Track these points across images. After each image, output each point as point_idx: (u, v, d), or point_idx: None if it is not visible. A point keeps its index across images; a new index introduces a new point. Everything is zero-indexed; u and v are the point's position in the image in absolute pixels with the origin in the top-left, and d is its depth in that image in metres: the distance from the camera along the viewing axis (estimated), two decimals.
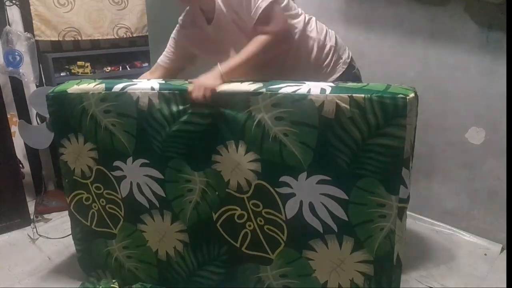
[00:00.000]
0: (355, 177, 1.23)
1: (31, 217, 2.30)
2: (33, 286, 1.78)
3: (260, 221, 1.38)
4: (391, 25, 2.17)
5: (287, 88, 1.27)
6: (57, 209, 2.43)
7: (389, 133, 1.17)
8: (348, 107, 1.18)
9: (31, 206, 2.39)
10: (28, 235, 2.17)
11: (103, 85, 1.47)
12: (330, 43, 1.62)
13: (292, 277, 1.40)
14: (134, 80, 1.53)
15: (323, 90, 1.22)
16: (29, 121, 2.49)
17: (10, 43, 2.28)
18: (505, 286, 1.28)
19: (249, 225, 1.40)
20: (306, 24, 1.59)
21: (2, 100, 2.13)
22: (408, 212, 2.34)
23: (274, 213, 1.35)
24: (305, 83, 1.30)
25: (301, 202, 1.31)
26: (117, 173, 1.52)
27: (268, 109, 1.27)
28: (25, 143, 2.43)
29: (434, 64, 2.08)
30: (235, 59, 1.40)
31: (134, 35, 2.80)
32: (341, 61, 1.64)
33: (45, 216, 2.37)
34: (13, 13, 2.37)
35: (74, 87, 1.51)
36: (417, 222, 2.30)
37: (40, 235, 2.16)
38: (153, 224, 1.54)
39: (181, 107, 1.37)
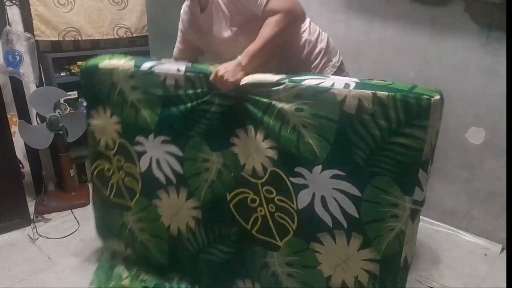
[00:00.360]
0: (370, 174, 1.22)
1: (31, 217, 2.30)
2: (33, 286, 1.78)
3: (272, 207, 1.39)
4: (392, 24, 2.17)
5: (310, 80, 1.27)
6: (57, 209, 2.43)
7: (410, 133, 1.15)
8: (370, 103, 1.16)
9: (31, 206, 2.38)
10: (28, 235, 2.17)
11: (132, 62, 1.53)
12: (321, 45, 1.62)
13: (297, 266, 1.40)
14: (162, 59, 1.58)
15: (347, 85, 1.20)
16: (29, 121, 2.49)
17: (10, 43, 2.27)
18: (505, 286, 1.28)
19: (260, 210, 1.42)
20: None
21: (2, 100, 2.13)
22: None
23: (286, 201, 1.35)
24: (329, 76, 1.29)
25: (313, 194, 1.30)
26: (138, 148, 1.58)
27: (289, 99, 1.28)
28: (25, 143, 2.44)
29: (434, 63, 2.08)
30: (252, 47, 1.38)
31: (134, 35, 2.80)
32: (330, 64, 1.64)
33: (45, 216, 2.37)
34: (13, 13, 2.37)
35: (106, 62, 1.58)
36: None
37: (40, 235, 2.16)
38: (167, 200, 1.58)
39: (205, 89, 1.41)
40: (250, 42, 1.40)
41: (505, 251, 2.03)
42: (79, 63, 2.61)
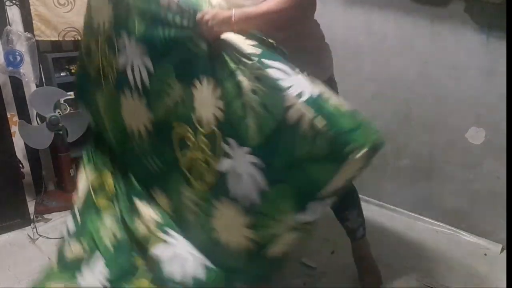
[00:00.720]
0: (281, 179, 1.29)
1: (31, 217, 2.30)
2: (33, 286, 1.78)
3: (202, 156, 1.47)
4: (391, 25, 2.17)
5: (276, 71, 1.26)
6: (57, 209, 2.43)
7: (322, 168, 1.19)
8: (307, 125, 1.18)
9: (31, 206, 2.38)
10: (28, 235, 2.17)
11: None
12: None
13: (200, 208, 1.53)
14: None
15: (300, 94, 1.21)
16: (29, 121, 2.49)
17: (11, 43, 2.28)
18: (505, 286, 1.28)
19: (193, 153, 1.50)
20: None
21: (2, 100, 2.13)
22: (408, 212, 2.37)
23: (213, 159, 1.43)
24: (299, 75, 1.27)
25: (232, 166, 1.37)
26: (120, 45, 1.63)
27: (251, 78, 1.30)
28: (25, 143, 2.44)
29: (434, 63, 2.08)
30: (250, 9, 1.37)
31: None
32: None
33: (45, 216, 2.37)
34: (13, 13, 2.37)
35: None
36: (417, 222, 2.30)
37: (40, 235, 2.16)
38: (131, 101, 1.66)
39: (191, 24, 1.42)
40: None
41: (505, 251, 2.03)
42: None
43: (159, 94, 1.57)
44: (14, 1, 2.36)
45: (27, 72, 2.35)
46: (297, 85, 1.23)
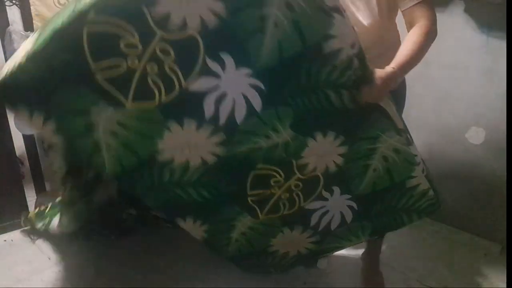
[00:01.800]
0: (370, 219, 1.56)
1: None
2: (33, 286, 1.78)
3: (285, 195, 1.44)
4: None
5: (414, 148, 1.45)
6: None
7: (407, 217, 1.60)
8: (419, 192, 1.50)
9: (31, 206, 2.38)
10: (28, 235, 2.17)
11: None
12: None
13: (255, 231, 1.52)
14: None
15: (423, 170, 1.47)
16: None
17: (13, 43, 2.27)
18: (505, 286, 1.28)
19: (275, 191, 1.42)
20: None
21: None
22: None
23: (303, 199, 1.45)
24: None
25: (325, 206, 1.48)
26: (211, 65, 1.16)
27: (389, 148, 1.39)
28: (24, 143, 2.43)
29: (434, 64, 2.08)
30: (403, 55, 1.29)
31: None
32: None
33: None
34: (14, 13, 2.37)
35: None
36: (417, 222, 2.30)
37: (40, 235, 2.16)
38: (188, 132, 1.24)
39: (351, 82, 1.29)
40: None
41: (505, 251, 2.03)
42: None
43: (252, 135, 1.30)
44: (14, 1, 2.36)
45: None
46: (422, 162, 1.48)
